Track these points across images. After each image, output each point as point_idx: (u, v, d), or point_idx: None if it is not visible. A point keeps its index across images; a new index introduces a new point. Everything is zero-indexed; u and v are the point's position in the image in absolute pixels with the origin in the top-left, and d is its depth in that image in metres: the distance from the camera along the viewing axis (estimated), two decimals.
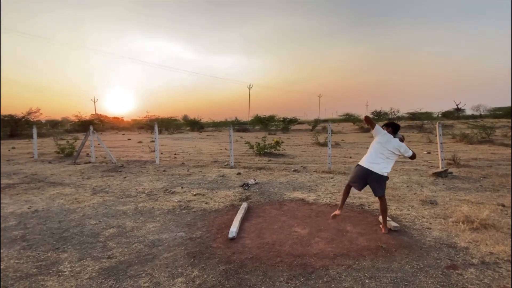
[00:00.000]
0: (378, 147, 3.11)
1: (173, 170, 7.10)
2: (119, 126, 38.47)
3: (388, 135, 3.15)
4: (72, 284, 2.14)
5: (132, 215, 3.78)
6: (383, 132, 3.17)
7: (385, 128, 3.24)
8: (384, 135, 3.14)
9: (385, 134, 3.15)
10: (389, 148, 3.06)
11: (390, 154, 3.08)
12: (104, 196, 4.72)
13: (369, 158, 3.12)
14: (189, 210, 3.98)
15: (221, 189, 5.17)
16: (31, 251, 2.71)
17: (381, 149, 3.09)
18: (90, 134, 8.82)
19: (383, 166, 3.05)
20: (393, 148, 3.06)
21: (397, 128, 3.26)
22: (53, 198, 4.62)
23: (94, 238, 3.01)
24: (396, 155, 3.11)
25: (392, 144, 3.07)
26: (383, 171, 3.05)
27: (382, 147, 3.09)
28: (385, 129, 3.22)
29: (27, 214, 3.86)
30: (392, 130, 3.21)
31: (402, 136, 3.25)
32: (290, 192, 4.88)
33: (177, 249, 2.73)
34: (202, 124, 38.75)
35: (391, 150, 3.06)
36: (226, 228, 3.20)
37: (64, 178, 6.30)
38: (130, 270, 2.34)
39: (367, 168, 3.06)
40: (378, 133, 3.18)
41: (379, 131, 3.17)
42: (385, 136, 3.14)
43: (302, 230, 3.18)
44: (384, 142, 3.09)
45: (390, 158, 3.10)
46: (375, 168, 3.03)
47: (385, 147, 3.08)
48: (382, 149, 3.08)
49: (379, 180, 3.06)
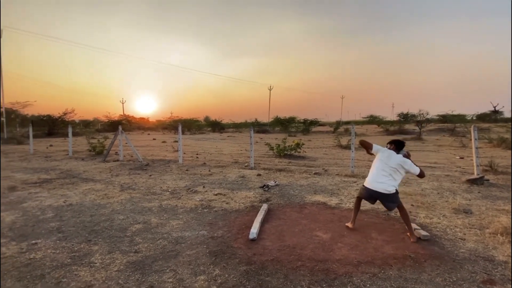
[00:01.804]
0: (380, 165, 2.99)
1: (195, 170, 7.28)
2: (144, 126, 40.22)
3: (388, 151, 3.03)
4: (102, 275, 2.27)
5: (157, 212, 3.93)
6: (383, 149, 3.06)
7: (389, 146, 3.12)
8: (384, 151, 3.04)
9: (385, 150, 3.06)
10: (391, 165, 2.93)
11: (393, 171, 2.92)
12: (131, 193, 4.95)
13: (372, 177, 2.99)
14: (210, 209, 4.05)
15: (241, 189, 5.21)
16: (66, 242, 2.91)
17: (383, 165, 2.96)
18: (119, 133, 9.31)
19: (388, 184, 2.89)
20: (395, 165, 2.92)
21: (401, 145, 3.13)
22: (86, 193, 4.93)
23: (122, 233, 3.16)
24: (400, 172, 2.93)
25: (394, 159, 2.94)
26: (389, 189, 2.88)
27: (384, 164, 2.96)
28: (388, 147, 3.10)
29: (63, 207, 4.15)
30: (395, 147, 3.07)
31: (406, 153, 3.09)
32: (311, 195, 4.80)
33: (199, 247, 2.79)
34: (222, 125, 39.38)
35: (394, 167, 2.92)
36: (247, 229, 3.21)
37: (95, 174, 6.70)
38: (155, 265, 2.43)
39: (372, 189, 2.95)
40: (377, 150, 3.08)
41: (378, 148, 3.10)
42: (385, 152, 3.04)
43: (324, 234, 3.11)
44: (385, 158, 2.98)
45: (395, 175, 2.93)
46: (379, 188, 2.90)
47: (386, 163, 2.95)
48: (383, 166, 2.96)
49: (387, 198, 2.92)
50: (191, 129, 31.43)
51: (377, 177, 2.95)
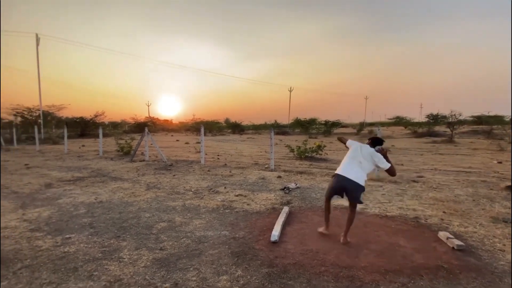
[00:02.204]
0: (352, 154, 3.07)
1: (217, 171, 7.39)
2: (168, 127, 41.65)
3: (361, 144, 3.12)
4: (130, 270, 2.36)
5: (180, 211, 4.03)
6: (356, 143, 3.17)
7: (367, 142, 3.19)
8: (357, 143, 3.14)
9: (357, 143, 3.15)
10: (362, 154, 3.00)
11: (364, 161, 2.99)
12: (156, 192, 5.13)
13: (344, 166, 3.05)
14: (232, 210, 4.09)
15: (262, 191, 5.21)
16: (97, 237, 3.07)
17: (354, 154, 3.04)
18: (145, 135, 9.72)
19: (358, 175, 2.94)
20: (366, 154, 2.99)
21: (378, 142, 3.14)
22: (114, 191, 5.19)
23: (148, 230, 3.28)
24: (369, 163, 2.99)
25: (365, 150, 3.02)
26: (360, 181, 2.92)
27: (355, 153, 3.04)
28: (366, 143, 3.17)
29: (94, 204, 4.39)
30: (371, 142, 3.13)
31: (381, 148, 3.12)
32: (334, 199, 4.66)
33: (221, 247, 2.82)
34: (242, 126, 39.74)
35: (364, 157, 2.99)
36: (268, 231, 3.20)
37: (123, 174, 7.03)
38: (179, 263, 2.49)
39: (344, 175, 2.96)
40: (351, 144, 3.21)
41: (353, 142, 3.22)
42: (357, 144, 3.14)
43: (348, 240, 3.00)
44: (357, 149, 3.06)
45: (364, 165, 2.98)
46: (351, 176, 2.93)
47: (358, 153, 3.03)
48: (355, 155, 3.04)
49: (357, 189, 2.93)
50: (212, 131, 32.06)
51: (349, 165, 3.02)
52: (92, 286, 2.13)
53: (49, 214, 3.89)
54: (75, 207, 4.20)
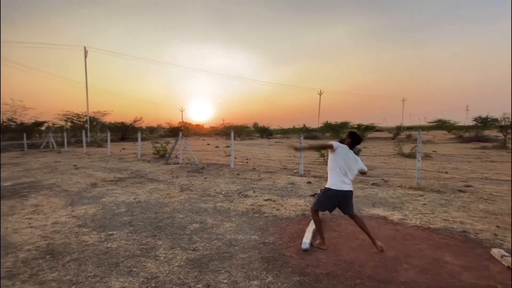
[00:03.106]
0: (341, 161, 2.82)
1: (246, 174, 7.46)
2: (200, 132, 43.28)
3: (345, 147, 2.85)
4: (166, 268, 2.47)
5: (212, 213, 4.13)
6: (341, 146, 2.87)
7: (346, 138, 2.93)
8: (343, 148, 2.85)
9: (343, 147, 2.86)
10: (351, 160, 2.82)
11: (352, 166, 2.83)
12: (189, 194, 5.33)
13: (337, 179, 2.81)
14: (261, 214, 4.08)
15: (291, 196, 5.13)
16: (136, 235, 3.27)
17: (344, 160, 2.81)
18: (179, 139, 10.19)
19: (350, 184, 2.83)
20: (353, 158, 2.83)
21: (357, 142, 2.91)
22: (151, 192, 5.49)
23: (182, 231, 3.41)
24: (355, 168, 2.85)
25: (352, 154, 2.85)
26: (351, 188, 2.84)
27: (345, 159, 2.81)
28: (344, 138, 2.95)
29: (133, 203, 4.69)
30: (351, 142, 2.88)
31: (358, 149, 2.96)
32: (369, 208, 4.43)
33: (251, 251, 2.83)
34: (270, 131, 39.75)
35: (352, 162, 2.82)
36: (298, 238, 3.13)
37: (159, 175, 7.43)
38: (211, 264, 2.54)
39: (341, 189, 2.78)
40: (337, 147, 2.86)
41: (338, 145, 2.88)
42: (344, 149, 2.85)
43: (386, 252, 2.82)
44: (344, 154, 2.82)
45: (353, 171, 2.87)
46: (346, 187, 2.79)
47: (346, 162, 2.81)
48: (344, 164, 2.81)
49: (350, 197, 2.84)
50: (240, 135, 32.56)
51: (342, 177, 2.82)
52: (132, 281, 2.26)
53: (94, 211, 4.24)
54: (117, 206, 4.52)
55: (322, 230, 3.05)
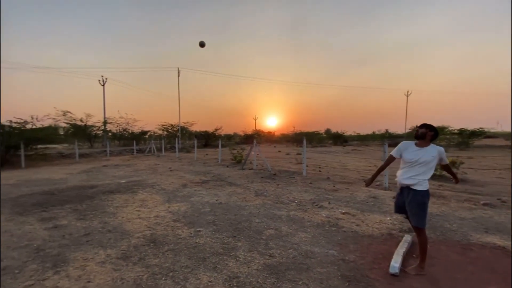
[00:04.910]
0: (405, 158, 2.72)
1: (319, 184, 7.19)
2: (271, 139, 44.50)
3: (404, 144, 2.78)
4: (245, 270, 2.60)
5: (286, 221, 4.14)
6: (400, 147, 2.78)
7: (425, 131, 2.66)
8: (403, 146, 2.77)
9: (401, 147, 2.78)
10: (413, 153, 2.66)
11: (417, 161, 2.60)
12: (263, 199, 5.50)
13: (401, 172, 2.74)
14: (338, 228, 3.84)
15: (373, 212, 4.64)
16: (219, 234, 3.57)
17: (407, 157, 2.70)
18: (254, 146, 10.72)
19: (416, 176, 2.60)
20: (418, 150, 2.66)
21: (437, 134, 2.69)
22: (230, 195, 5.93)
23: (258, 235, 3.54)
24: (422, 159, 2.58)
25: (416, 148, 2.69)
26: (419, 185, 2.57)
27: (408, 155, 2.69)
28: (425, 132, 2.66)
29: (215, 204, 5.16)
30: (434, 135, 2.66)
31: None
32: (480, 234, 3.58)
33: (330, 266, 2.68)
34: (345, 137, 37.31)
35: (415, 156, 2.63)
36: (384, 260, 2.80)
37: (236, 180, 7.96)
38: (288, 273, 2.54)
39: (401, 182, 2.71)
40: (395, 153, 2.81)
41: (395, 151, 2.81)
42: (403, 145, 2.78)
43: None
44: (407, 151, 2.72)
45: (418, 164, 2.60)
46: (409, 181, 2.62)
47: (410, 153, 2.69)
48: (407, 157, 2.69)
49: (418, 199, 2.57)
50: (312, 142, 31.78)
51: (408, 171, 2.72)
52: (216, 277, 2.47)
53: (185, 209, 4.86)
54: (203, 205, 5.07)
55: (426, 251, 2.67)
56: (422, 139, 2.70)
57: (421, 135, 2.70)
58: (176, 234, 3.60)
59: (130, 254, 2.99)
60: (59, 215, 4.52)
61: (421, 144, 2.70)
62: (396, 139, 30.04)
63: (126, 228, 3.84)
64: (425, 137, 2.68)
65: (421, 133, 2.70)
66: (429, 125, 2.73)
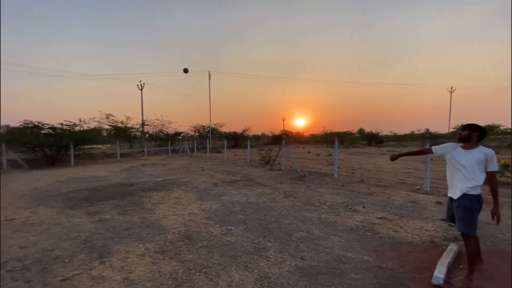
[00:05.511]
0: (449, 164, 2.55)
1: (352, 186, 6.91)
2: (300, 139, 43.80)
3: (450, 145, 2.57)
4: (276, 271, 2.59)
5: (317, 223, 4.04)
6: (445, 146, 2.60)
7: (471, 132, 2.44)
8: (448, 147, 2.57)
9: (446, 146, 2.60)
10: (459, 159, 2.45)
11: (464, 166, 2.40)
12: (293, 201, 5.44)
13: (449, 184, 2.56)
14: (374, 234, 3.65)
15: (413, 218, 4.33)
16: (249, 234, 3.61)
17: (451, 163, 2.52)
18: (283, 147, 10.65)
19: (461, 184, 2.42)
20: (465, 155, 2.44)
21: (484, 134, 2.46)
22: (259, 195, 5.96)
23: (288, 236, 3.50)
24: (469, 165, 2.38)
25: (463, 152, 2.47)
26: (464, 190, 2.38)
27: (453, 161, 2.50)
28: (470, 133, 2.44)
29: (245, 204, 5.22)
30: (480, 135, 2.44)
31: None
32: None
33: (365, 273, 2.56)
34: (380, 137, 35.37)
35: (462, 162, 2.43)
36: (426, 270, 2.60)
37: (265, 180, 7.98)
38: (320, 277, 2.47)
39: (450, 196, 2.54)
40: (436, 151, 2.63)
41: (437, 149, 2.64)
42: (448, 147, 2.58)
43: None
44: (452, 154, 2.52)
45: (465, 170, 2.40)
46: (456, 194, 2.45)
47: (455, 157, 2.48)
48: (452, 164, 2.51)
49: (464, 206, 2.38)
50: (343, 143, 30.65)
51: (454, 181, 2.56)
52: (248, 276, 2.50)
53: (217, 207, 4.99)
54: (233, 204, 5.16)
55: (475, 262, 2.45)
56: (467, 141, 2.49)
57: (464, 138, 2.49)
58: (209, 231, 3.71)
59: (166, 249, 3.15)
60: (103, 210, 4.92)
61: (467, 146, 2.49)
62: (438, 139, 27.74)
63: (162, 224, 4.06)
64: (469, 139, 2.47)
65: (464, 135, 2.49)
66: (473, 125, 2.50)
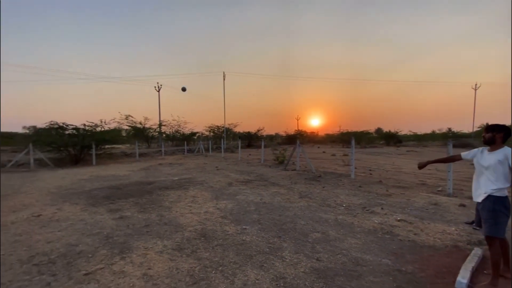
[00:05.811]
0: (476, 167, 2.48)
1: (369, 187, 6.74)
2: (314, 139, 43.25)
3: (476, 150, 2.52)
4: (292, 272, 2.58)
5: (333, 225, 3.98)
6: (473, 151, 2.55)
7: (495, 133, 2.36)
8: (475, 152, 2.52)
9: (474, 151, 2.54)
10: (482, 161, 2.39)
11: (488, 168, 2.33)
12: (308, 201, 5.38)
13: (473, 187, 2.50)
14: (393, 236, 3.54)
15: (435, 220, 4.16)
16: (264, 233, 3.61)
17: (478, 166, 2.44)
18: (297, 147, 10.56)
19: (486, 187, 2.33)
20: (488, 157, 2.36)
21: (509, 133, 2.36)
22: (274, 195, 5.95)
23: (304, 237, 3.48)
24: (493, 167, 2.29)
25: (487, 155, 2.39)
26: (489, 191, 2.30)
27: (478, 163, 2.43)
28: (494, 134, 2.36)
29: (259, 203, 5.23)
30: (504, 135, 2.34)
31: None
32: None
33: (383, 277, 2.49)
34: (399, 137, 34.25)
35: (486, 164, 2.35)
36: (449, 274, 2.49)
37: (279, 180, 7.95)
38: (337, 279, 2.44)
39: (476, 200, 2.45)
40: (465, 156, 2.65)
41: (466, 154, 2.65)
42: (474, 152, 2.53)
43: None
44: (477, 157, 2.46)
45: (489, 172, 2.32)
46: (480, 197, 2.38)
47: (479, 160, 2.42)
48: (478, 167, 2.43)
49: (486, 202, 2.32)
50: (360, 142, 29.94)
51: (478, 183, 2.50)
52: (263, 275, 2.51)
53: (231, 206, 5.04)
54: (248, 204, 5.19)
55: (499, 266, 2.36)
56: (491, 144, 2.41)
57: (488, 141, 2.41)
58: (224, 230, 3.75)
59: (183, 246, 3.22)
60: (124, 207, 5.11)
61: (492, 148, 2.40)
62: (461, 138, 26.46)
63: (179, 222, 4.15)
64: (494, 141, 2.38)
65: (488, 138, 2.41)
66: (496, 125, 2.41)
